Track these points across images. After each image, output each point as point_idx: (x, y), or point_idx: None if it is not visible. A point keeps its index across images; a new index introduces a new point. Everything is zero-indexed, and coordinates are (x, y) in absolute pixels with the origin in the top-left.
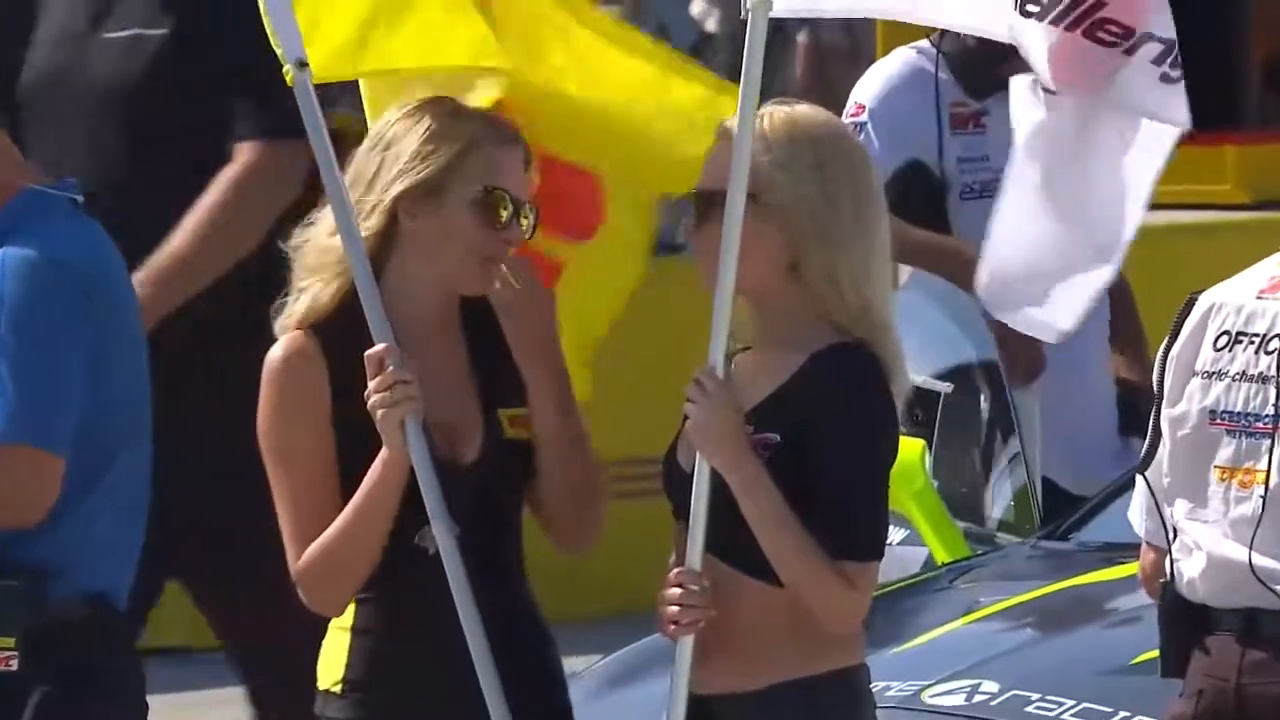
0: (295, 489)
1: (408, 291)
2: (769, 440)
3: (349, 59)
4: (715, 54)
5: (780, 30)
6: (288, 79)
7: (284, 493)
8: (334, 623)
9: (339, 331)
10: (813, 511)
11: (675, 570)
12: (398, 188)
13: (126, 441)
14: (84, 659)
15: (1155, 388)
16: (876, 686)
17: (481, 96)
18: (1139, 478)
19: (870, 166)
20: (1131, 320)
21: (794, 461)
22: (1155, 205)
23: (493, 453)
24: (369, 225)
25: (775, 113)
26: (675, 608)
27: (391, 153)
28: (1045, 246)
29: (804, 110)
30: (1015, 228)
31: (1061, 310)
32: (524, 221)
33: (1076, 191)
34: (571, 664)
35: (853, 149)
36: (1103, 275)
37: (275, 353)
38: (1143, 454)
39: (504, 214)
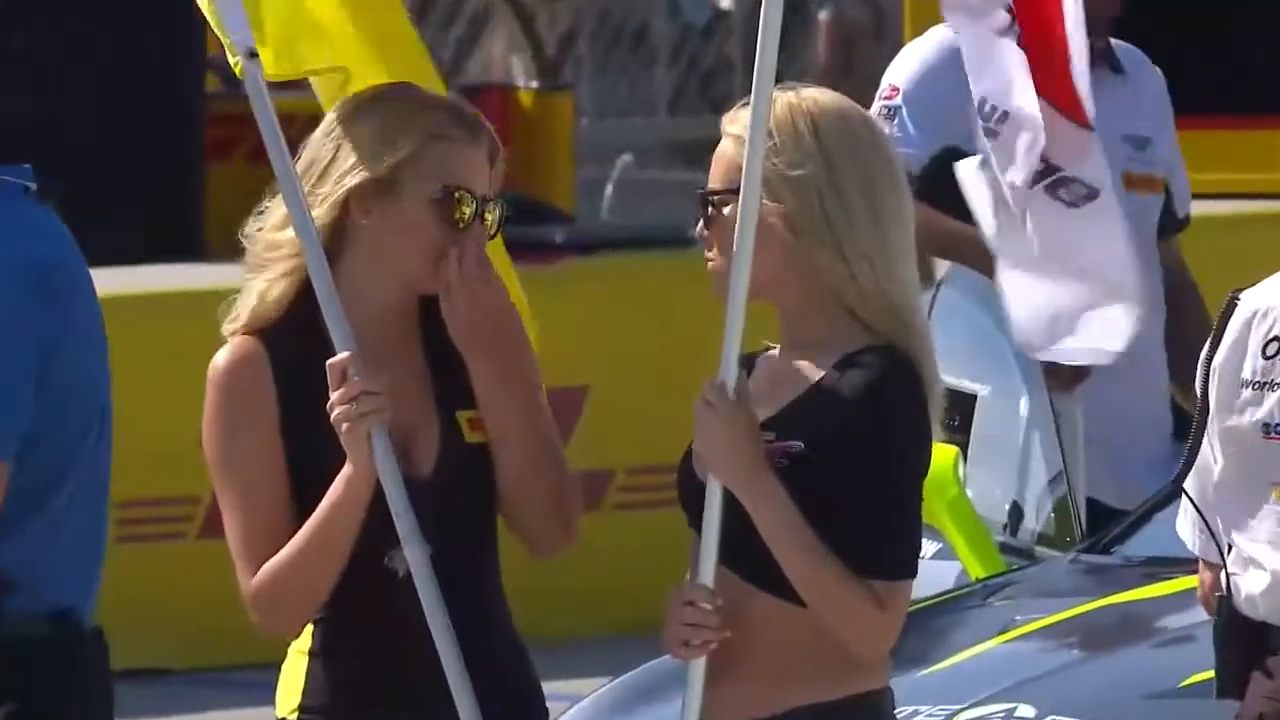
0: (244, 504)
1: (360, 290)
2: (791, 448)
3: (294, 56)
4: (730, 34)
5: (801, 9)
6: (236, 70)
7: (231, 508)
8: (292, 646)
9: (287, 334)
10: (839, 526)
11: (687, 586)
12: (351, 181)
13: (87, 436)
14: (47, 681)
15: (1199, 397)
16: (905, 711)
17: None
18: (1185, 493)
19: (884, 149)
20: (1192, 321)
21: (819, 471)
22: (1219, 194)
23: (451, 460)
24: (318, 217)
25: (776, 99)
26: (686, 627)
27: (347, 142)
28: (1057, 290)
29: (808, 94)
30: (1021, 286)
31: (1105, 331)
32: (489, 218)
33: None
34: (577, 686)
35: (861, 130)
36: (1132, 310)
37: (219, 359)
38: (1180, 466)
39: (466, 213)
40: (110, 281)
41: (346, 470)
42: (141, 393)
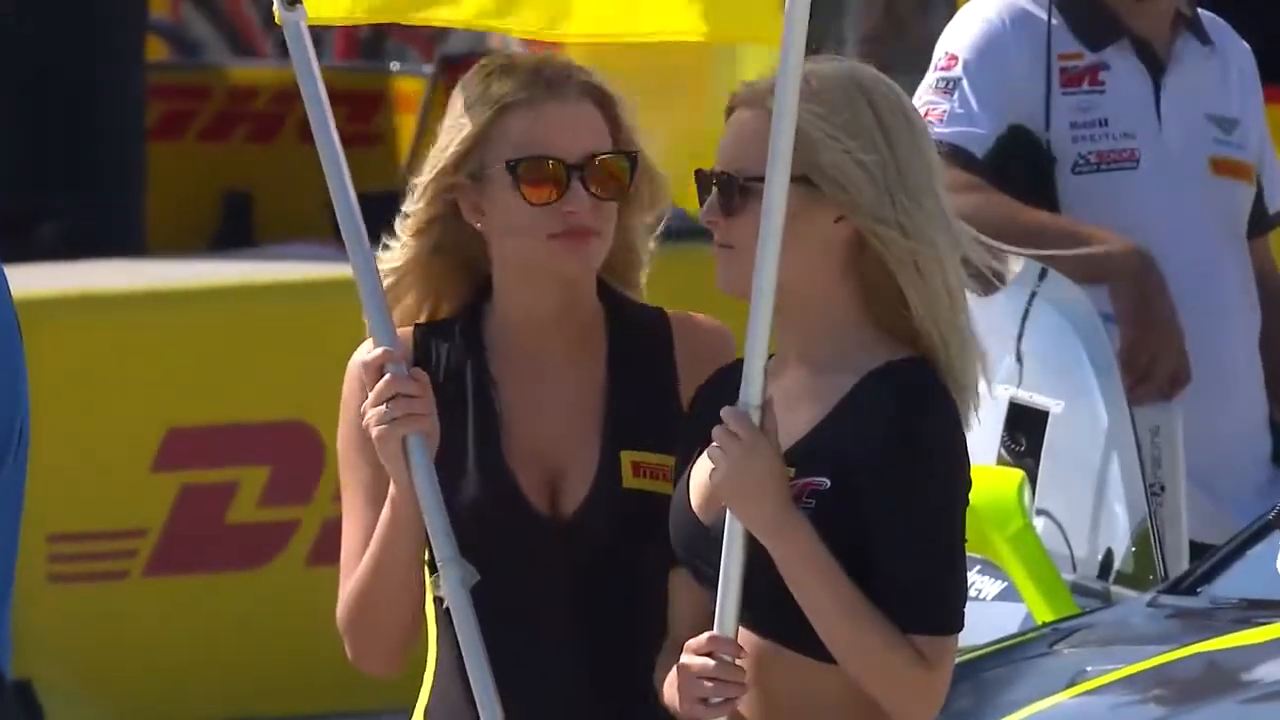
0: (355, 518)
1: (506, 302)
2: (816, 485)
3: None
4: None
5: None
6: (276, 18)
7: (346, 518)
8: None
9: (443, 332)
10: (875, 574)
11: (707, 636)
12: (440, 166)
13: (5, 454)
14: None
15: None
16: None
17: None
18: None
19: (928, 129)
20: None
21: (848, 511)
22: None
23: (600, 503)
24: (419, 212)
25: (822, 70)
26: (705, 683)
27: (445, 128)
28: None
29: (848, 64)
30: None
31: None
32: (606, 182)
33: None
34: None
35: (911, 108)
36: None
37: (359, 352)
38: None
39: (546, 184)
40: (35, 280)
41: (392, 489)
42: (75, 409)
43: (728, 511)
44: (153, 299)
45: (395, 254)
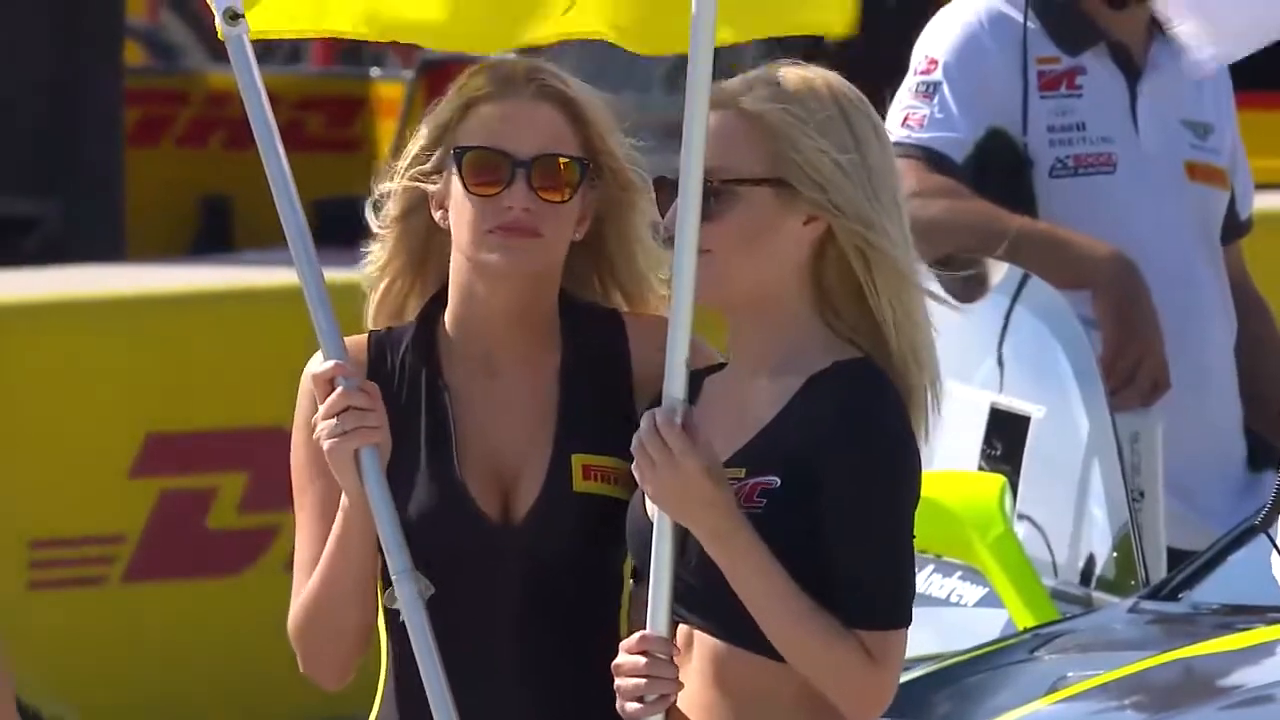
0: (306, 530)
1: (464, 301)
2: (766, 485)
3: (288, 13)
4: None
5: None
6: (219, 33)
7: (298, 530)
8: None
9: (402, 340)
10: (822, 570)
11: (639, 635)
12: (410, 170)
13: None
14: None
15: None
16: None
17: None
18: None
19: (889, 138)
20: (1261, 336)
21: (798, 510)
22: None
23: (549, 507)
24: (387, 212)
25: (787, 72)
26: (640, 680)
27: (416, 130)
28: None
29: (815, 69)
30: None
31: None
32: (552, 183)
33: None
34: None
35: (874, 114)
36: None
37: (313, 361)
38: (1266, 509)
39: (503, 177)
40: (14, 285)
41: (344, 499)
42: (54, 415)
43: (656, 509)
44: (131, 304)
45: (375, 252)
